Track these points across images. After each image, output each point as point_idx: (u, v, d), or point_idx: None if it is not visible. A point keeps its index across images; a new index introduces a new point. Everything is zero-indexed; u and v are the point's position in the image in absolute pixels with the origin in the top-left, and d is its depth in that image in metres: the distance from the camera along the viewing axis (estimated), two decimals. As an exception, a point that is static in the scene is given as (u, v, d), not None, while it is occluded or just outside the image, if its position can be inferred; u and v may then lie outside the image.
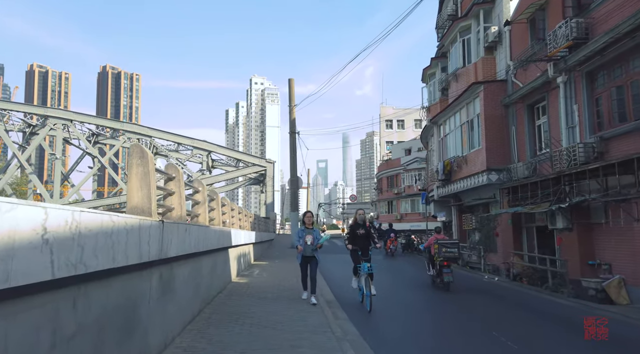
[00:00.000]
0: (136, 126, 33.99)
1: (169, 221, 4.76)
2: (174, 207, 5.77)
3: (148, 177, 4.44)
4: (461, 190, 18.73)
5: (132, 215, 3.90)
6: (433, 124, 22.01)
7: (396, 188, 55.45)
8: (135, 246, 3.70)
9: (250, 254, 14.69)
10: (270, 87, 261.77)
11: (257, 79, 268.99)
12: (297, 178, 24.09)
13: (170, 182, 5.70)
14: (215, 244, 7.53)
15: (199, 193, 7.14)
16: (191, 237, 5.67)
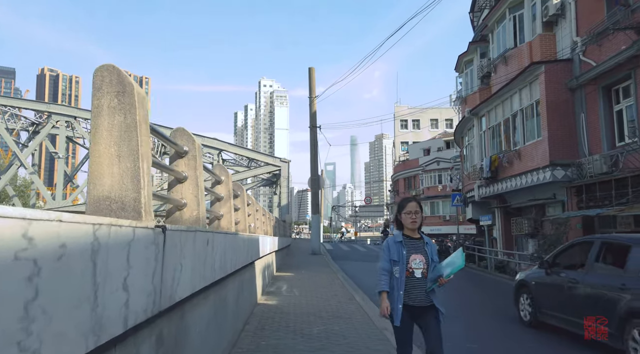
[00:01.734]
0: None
1: (175, 228, 2.42)
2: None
3: (134, 134, 2.13)
4: (511, 189, 16.24)
5: (92, 217, 1.56)
6: (473, 116, 19.56)
7: (414, 190, 52.89)
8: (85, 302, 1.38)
9: (273, 264, 12.36)
10: (279, 89, 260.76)
11: (266, 81, 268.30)
12: (318, 177, 21.73)
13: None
14: (244, 260, 5.23)
15: (221, 184, 4.82)
16: (215, 253, 3.35)
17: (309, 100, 21.75)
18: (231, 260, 4.14)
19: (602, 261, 6.36)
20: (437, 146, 52.99)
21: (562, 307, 6.73)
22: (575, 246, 7.32)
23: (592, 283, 6.16)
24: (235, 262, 4.35)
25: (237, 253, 4.50)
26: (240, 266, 4.91)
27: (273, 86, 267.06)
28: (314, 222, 21.76)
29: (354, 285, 11.32)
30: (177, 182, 3.27)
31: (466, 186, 21.44)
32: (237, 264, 4.50)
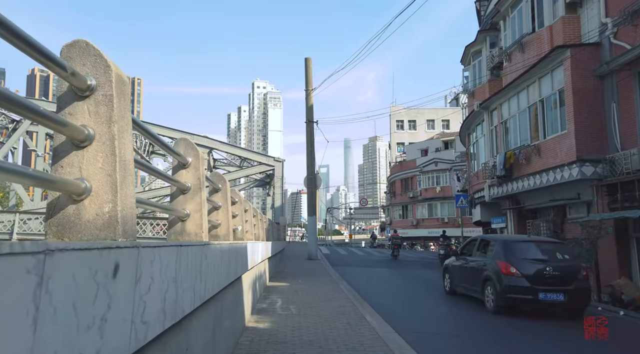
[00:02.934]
0: (128, 119, 30.23)
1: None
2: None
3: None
4: (528, 189, 14.74)
5: None
6: (483, 110, 18.08)
7: (411, 191, 51.48)
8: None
9: (266, 273, 10.73)
10: (273, 91, 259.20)
11: (259, 83, 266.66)
12: (315, 175, 20.12)
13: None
14: (225, 278, 3.63)
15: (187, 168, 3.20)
16: (150, 289, 1.72)
17: (305, 93, 20.16)
18: (199, 288, 2.54)
19: (479, 250, 10.35)
20: (435, 146, 51.62)
21: (462, 279, 10.79)
22: (470, 242, 11.31)
23: (473, 263, 10.23)
24: (205, 289, 2.74)
25: (210, 273, 2.88)
26: (216, 290, 3.29)
27: (267, 88, 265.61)
28: (311, 224, 20.15)
29: (360, 299, 9.72)
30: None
31: (474, 186, 19.94)
32: (210, 289, 2.89)
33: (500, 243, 9.55)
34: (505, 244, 9.50)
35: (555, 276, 8.54)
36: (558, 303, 8.51)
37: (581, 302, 8.74)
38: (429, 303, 10.67)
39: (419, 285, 13.92)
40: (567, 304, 8.52)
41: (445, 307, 10.28)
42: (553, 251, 9.18)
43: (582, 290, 8.67)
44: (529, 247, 9.37)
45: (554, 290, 8.44)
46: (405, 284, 14.24)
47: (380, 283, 14.27)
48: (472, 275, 9.95)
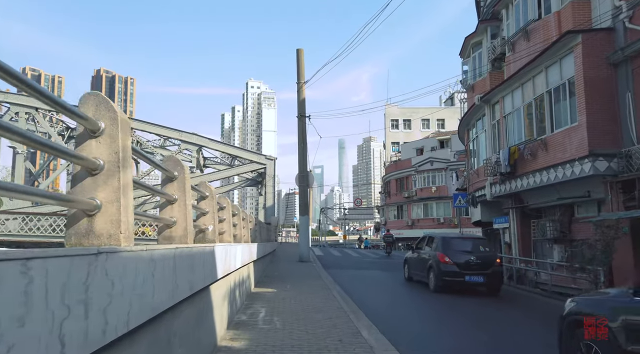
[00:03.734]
0: (113, 115, 28.99)
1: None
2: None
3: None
4: (535, 186, 13.79)
5: None
6: (484, 104, 17.13)
7: (407, 191, 50.58)
8: None
9: (250, 278, 9.67)
10: (267, 91, 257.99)
11: (253, 82, 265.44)
12: (308, 173, 19.08)
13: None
14: (170, 297, 2.58)
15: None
16: None
17: (297, 86, 19.11)
18: (95, 325, 1.51)
19: (427, 244, 13.21)
20: (430, 145, 50.73)
21: (416, 268, 13.50)
22: (422, 239, 14.10)
23: (423, 255, 12.99)
24: (108, 323, 1.69)
25: (122, 295, 1.83)
26: (147, 317, 2.23)
27: (261, 88, 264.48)
28: (303, 224, 19.09)
29: (354, 307, 8.69)
30: None
31: (474, 184, 18.99)
32: (123, 320, 1.84)
33: (440, 239, 12.60)
34: (443, 240, 12.53)
35: (478, 264, 11.56)
36: (479, 283, 11.56)
37: (497, 282, 11.98)
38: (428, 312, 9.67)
39: (415, 289, 12.90)
40: (486, 284, 11.63)
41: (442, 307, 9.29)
42: (477, 245, 12.55)
43: (497, 273, 11.95)
44: (461, 242, 12.75)
45: (476, 274, 11.48)
46: (402, 288, 13.23)
47: (375, 287, 13.25)
48: (421, 264, 12.89)
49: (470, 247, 12.19)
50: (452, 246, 12.10)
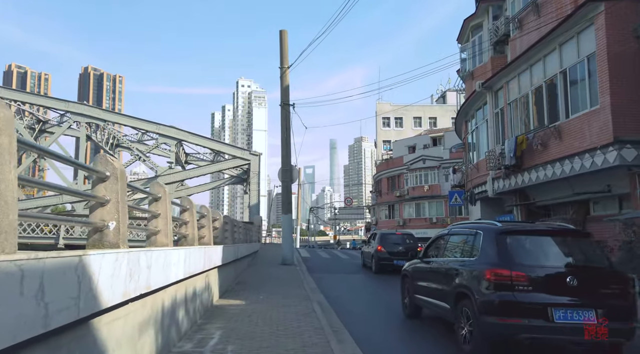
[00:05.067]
0: (86, 106, 26.84)
1: None
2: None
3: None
4: (545, 180, 12.17)
5: None
6: (485, 91, 15.51)
7: (398, 190, 49.01)
8: None
9: (211, 288, 7.86)
10: (258, 90, 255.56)
11: (243, 81, 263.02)
12: (292, 167, 17.30)
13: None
14: None
15: None
16: None
17: (280, 71, 17.32)
18: None
19: (373, 239, 17.56)
20: (423, 143, 49.22)
21: (365, 258, 18.03)
22: (371, 235, 18.64)
23: (370, 247, 17.51)
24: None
25: None
26: None
27: (251, 86, 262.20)
28: (285, 223, 17.31)
29: (338, 325, 6.96)
30: None
31: (473, 180, 17.35)
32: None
33: (379, 235, 16.73)
34: (381, 235, 16.66)
35: (403, 251, 15.19)
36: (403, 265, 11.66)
37: None
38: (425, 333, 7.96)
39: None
40: None
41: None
42: (405, 239, 16.41)
43: None
44: (393, 236, 16.92)
45: (402, 258, 14.48)
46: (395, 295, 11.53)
47: (365, 295, 11.51)
48: (368, 255, 17.05)
49: (399, 241, 16.10)
50: (387, 240, 16.23)
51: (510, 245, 5.64)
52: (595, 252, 5.96)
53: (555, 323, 4.97)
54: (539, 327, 5.01)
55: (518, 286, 5.15)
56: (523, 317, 5.06)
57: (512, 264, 5.32)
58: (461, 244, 6.72)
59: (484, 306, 5.26)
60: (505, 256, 5.50)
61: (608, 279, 5.50)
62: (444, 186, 45.59)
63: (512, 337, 5.16)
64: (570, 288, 5.11)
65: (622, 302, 5.28)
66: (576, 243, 6.03)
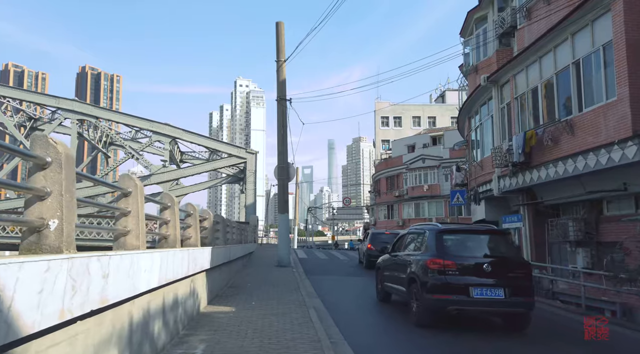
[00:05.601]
0: (77, 103, 26.05)
1: None
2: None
3: None
4: (557, 178, 11.50)
5: None
6: (491, 85, 14.84)
7: (397, 190, 48.35)
8: None
9: (196, 295, 7.15)
10: (256, 89, 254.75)
11: (242, 81, 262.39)
12: (288, 164, 16.59)
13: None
14: None
15: None
16: None
17: (277, 64, 16.62)
18: None
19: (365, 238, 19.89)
20: (422, 142, 48.55)
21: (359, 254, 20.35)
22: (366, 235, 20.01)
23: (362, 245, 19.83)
24: None
25: None
26: None
27: (249, 86, 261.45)
28: (282, 223, 16.60)
29: (337, 336, 6.27)
30: None
31: (477, 179, 16.68)
32: None
33: (370, 234, 18.21)
34: (372, 234, 18.13)
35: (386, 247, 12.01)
36: None
37: None
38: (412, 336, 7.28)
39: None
40: None
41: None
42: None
43: None
44: (382, 236, 17.49)
45: None
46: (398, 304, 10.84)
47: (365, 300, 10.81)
48: (361, 251, 19.11)
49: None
50: (377, 239, 17.25)
51: (445, 241, 7.49)
52: (508, 245, 7.81)
53: (474, 298, 6.79)
54: (462, 301, 6.87)
55: (448, 272, 6.95)
56: (451, 294, 6.88)
57: (445, 256, 7.11)
58: (414, 241, 8.52)
59: (425, 287, 7.08)
60: (441, 249, 7.29)
61: (515, 266, 7.31)
62: (444, 185, 44.93)
63: (444, 309, 7.02)
64: (486, 273, 6.90)
65: (525, 283, 7.12)
66: (495, 239, 7.83)
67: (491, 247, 7.58)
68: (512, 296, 6.77)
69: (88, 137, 29.18)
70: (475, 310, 7.23)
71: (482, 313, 7.61)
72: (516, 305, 6.88)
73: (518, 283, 6.99)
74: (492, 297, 6.74)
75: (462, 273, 6.94)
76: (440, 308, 7.00)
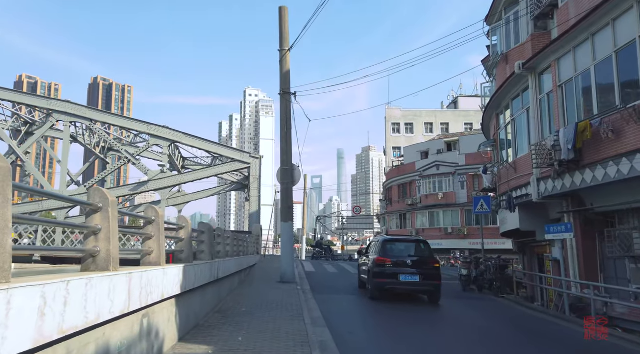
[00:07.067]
0: (69, 104, 24.40)
1: None
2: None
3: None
4: (620, 178, 9.36)
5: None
6: (527, 73, 12.77)
7: (410, 198, 46.03)
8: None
9: (156, 334, 5.16)
10: (265, 99, 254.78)
11: (251, 90, 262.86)
12: (293, 167, 14.62)
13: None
14: None
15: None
16: None
17: (280, 53, 14.74)
18: None
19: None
20: (436, 147, 46.29)
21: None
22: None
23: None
24: None
25: None
26: None
27: (259, 96, 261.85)
28: (285, 233, 14.58)
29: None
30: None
31: (510, 182, 14.51)
32: None
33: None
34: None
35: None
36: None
37: None
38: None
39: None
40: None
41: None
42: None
43: None
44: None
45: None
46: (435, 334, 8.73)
47: (390, 333, 8.67)
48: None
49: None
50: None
51: (386, 246, 12.40)
52: (426, 249, 12.47)
53: (401, 281, 11.46)
54: (394, 282, 11.53)
55: (386, 265, 11.60)
56: (387, 278, 11.53)
57: (385, 255, 11.81)
58: (375, 247, 12.92)
59: (373, 274, 11.75)
60: (384, 251, 12.00)
61: (428, 262, 11.78)
62: (460, 193, 42.62)
63: (384, 287, 11.63)
64: (409, 265, 11.58)
65: (433, 272, 11.67)
66: (417, 246, 12.63)
67: (414, 250, 12.27)
68: (424, 280, 11.35)
69: (83, 142, 27.56)
70: (402, 289, 11.71)
71: (407, 290, 11.90)
72: (427, 285, 11.49)
73: (429, 272, 11.48)
74: (412, 280, 11.32)
75: (394, 265, 11.54)
76: (381, 287, 11.61)
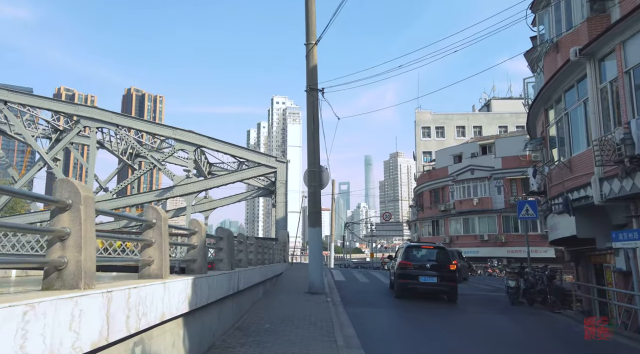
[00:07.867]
0: (95, 110, 24.27)
1: None
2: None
3: None
4: None
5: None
6: (585, 60, 11.30)
7: (443, 204, 44.14)
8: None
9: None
10: (292, 106, 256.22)
11: (278, 98, 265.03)
12: (321, 168, 13.56)
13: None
14: None
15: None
16: None
17: (306, 47, 13.76)
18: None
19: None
20: (470, 151, 44.26)
21: None
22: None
23: None
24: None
25: None
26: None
27: (286, 103, 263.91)
28: (313, 240, 13.50)
29: None
30: None
31: (565, 183, 12.94)
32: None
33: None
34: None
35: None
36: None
37: None
38: None
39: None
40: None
41: None
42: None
43: None
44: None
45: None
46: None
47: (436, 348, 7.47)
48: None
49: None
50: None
51: (409, 251, 14.35)
52: (444, 253, 14.30)
53: (421, 282, 13.20)
54: (415, 283, 13.30)
55: (408, 268, 13.46)
56: (410, 279, 13.40)
57: (408, 259, 13.68)
58: (400, 252, 15.04)
59: (398, 275, 13.74)
60: (407, 256, 13.93)
61: (445, 265, 13.45)
62: (496, 199, 40.49)
63: (406, 287, 13.47)
64: (428, 268, 13.37)
65: (450, 274, 13.45)
66: (436, 251, 14.38)
67: (433, 255, 13.94)
68: (441, 281, 13.16)
69: (110, 148, 27.43)
70: (422, 288, 13.31)
71: (426, 290, 13.44)
72: (444, 286, 13.26)
73: (446, 274, 13.23)
74: (430, 281, 13.12)
75: (415, 268, 13.35)
76: (404, 286, 13.47)
